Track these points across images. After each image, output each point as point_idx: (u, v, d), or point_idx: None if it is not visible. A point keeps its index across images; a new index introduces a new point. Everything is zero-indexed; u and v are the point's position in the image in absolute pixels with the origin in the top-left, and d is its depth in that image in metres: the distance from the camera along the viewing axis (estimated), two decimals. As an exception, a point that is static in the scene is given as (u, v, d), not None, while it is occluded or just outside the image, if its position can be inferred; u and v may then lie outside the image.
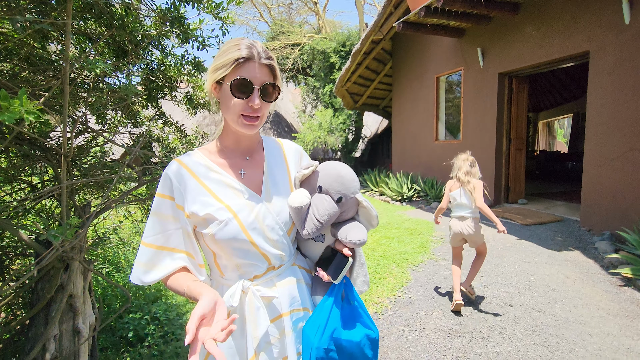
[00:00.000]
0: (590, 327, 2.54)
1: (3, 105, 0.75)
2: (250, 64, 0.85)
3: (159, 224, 0.88)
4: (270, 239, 0.92)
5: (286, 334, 0.94)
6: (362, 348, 0.93)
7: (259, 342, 0.89)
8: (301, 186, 1.01)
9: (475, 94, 6.46)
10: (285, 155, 1.06)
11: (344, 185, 0.95)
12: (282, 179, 1.00)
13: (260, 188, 0.95)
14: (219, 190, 0.90)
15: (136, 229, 3.29)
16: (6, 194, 1.87)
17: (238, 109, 0.86)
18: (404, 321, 2.75)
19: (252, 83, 0.85)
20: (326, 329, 0.90)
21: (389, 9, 7.21)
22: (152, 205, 0.88)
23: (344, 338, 0.91)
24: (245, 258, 0.90)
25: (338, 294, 0.96)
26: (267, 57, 0.88)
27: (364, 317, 0.98)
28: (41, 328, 1.57)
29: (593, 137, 4.51)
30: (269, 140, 1.07)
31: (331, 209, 0.93)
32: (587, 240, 4.31)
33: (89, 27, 1.64)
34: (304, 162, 1.09)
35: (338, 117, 12.03)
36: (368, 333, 0.95)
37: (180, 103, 2.07)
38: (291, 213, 0.95)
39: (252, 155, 0.99)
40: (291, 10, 18.46)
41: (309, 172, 0.98)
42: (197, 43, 1.59)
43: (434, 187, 7.38)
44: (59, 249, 1.19)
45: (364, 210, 1.00)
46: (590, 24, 4.44)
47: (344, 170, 0.98)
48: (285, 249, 0.96)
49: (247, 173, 0.96)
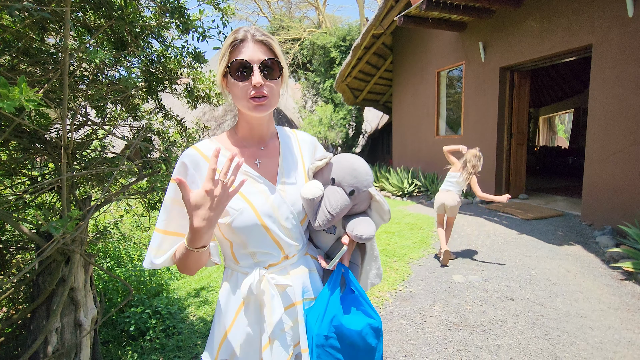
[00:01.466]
0: (591, 321, 2.54)
1: (2, 92, 0.73)
2: (245, 44, 0.85)
3: (172, 209, 0.87)
4: (285, 227, 0.92)
5: (299, 322, 0.95)
6: (364, 337, 0.92)
7: (273, 329, 0.89)
8: (314, 177, 1.01)
9: (476, 89, 6.43)
10: (300, 146, 1.06)
11: (357, 179, 0.95)
12: (297, 169, 1.00)
13: (275, 178, 0.95)
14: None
15: (137, 224, 3.29)
16: (6, 187, 1.86)
17: (244, 92, 0.86)
18: (405, 314, 2.75)
19: (249, 62, 0.84)
20: (325, 316, 0.90)
21: (389, 3, 7.15)
22: (167, 191, 0.88)
23: (345, 325, 0.91)
24: (260, 247, 0.91)
25: (336, 282, 0.97)
26: (262, 34, 0.87)
27: (365, 306, 0.97)
28: (43, 321, 1.57)
29: (595, 131, 4.49)
30: (284, 131, 1.07)
31: (343, 202, 0.93)
32: (588, 235, 4.31)
33: (88, 18, 1.62)
34: (318, 153, 1.09)
35: (338, 112, 11.99)
36: (370, 322, 0.94)
37: (180, 96, 2.06)
38: (304, 204, 0.95)
39: (267, 145, 0.99)
40: (291, 4, 18.33)
41: (322, 164, 0.98)
42: (197, 34, 1.57)
43: (434, 182, 7.37)
44: (59, 241, 1.19)
45: (377, 204, 0.99)
46: (593, 17, 4.40)
47: (357, 163, 0.98)
48: (298, 239, 0.97)
49: (262, 162, 0.96)
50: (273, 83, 0.87)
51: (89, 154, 1.95)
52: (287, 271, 0.96)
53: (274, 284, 0.91)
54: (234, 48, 0.85)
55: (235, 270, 0.95)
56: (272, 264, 0.94)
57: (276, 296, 0.90)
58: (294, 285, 0.95)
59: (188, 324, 2.73)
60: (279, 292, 0.92)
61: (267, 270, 0.93)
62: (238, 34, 0.86)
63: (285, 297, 0.94)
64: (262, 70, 0.85)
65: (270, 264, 0.94)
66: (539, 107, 14.18)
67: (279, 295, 0.91)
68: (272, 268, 0.94)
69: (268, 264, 0.93)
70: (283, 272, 0.95)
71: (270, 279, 0.91)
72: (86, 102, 1.72)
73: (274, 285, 0.91)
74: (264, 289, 0.90)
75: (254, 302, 0.92)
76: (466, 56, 6.57)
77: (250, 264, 0.93)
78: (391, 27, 8.14)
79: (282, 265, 0.95)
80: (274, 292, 0.90)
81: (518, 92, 6.12)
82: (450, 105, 7.44)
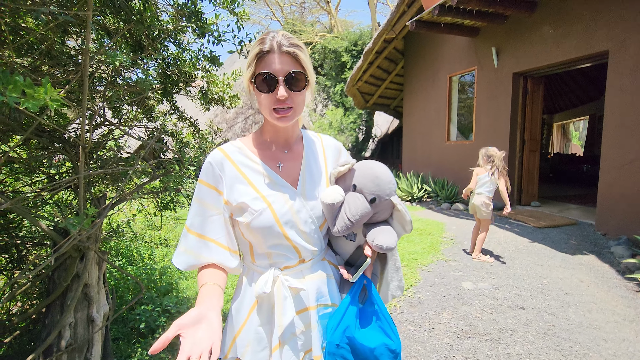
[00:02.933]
0: (605, 332, 2.48)
1: (28, 92, 0.76)
2: (270, 56, 0.85)
3: (200, 209, 0.90)
4: (303, 232, 0.93)
5: (312, 328, 0.94)
6: (377, 357, 0.88)
7: (283, 331, 0.89)
8: (336, 183, 1.00)
9: (488, 94, 6.37)
10: (324, 151, 1.06)
11: (379, 187, 0.93)
12: (319, 174, 1.00)
13: (297, 181, 0.96)
14: (256, 180, 0.91)
15: (149, 223, 3.34)
16: (25, 184, 1.91)
17: (268, 104, 0.86)
18: (413, 321, 2.73)
19: (274, 75, 0.84)
20: (339, 326, 0.89)
21: (402, 8, 7.15)
22: (195, 191, 0.91)
23: (358, 339, 0.88)
24: (277, 248, 0.92)
25: (356, 294, 0.95)
26: (288, 44, 0.86)
27: (384, 323, 0.93)
28: (57, 316, 1.61)
29: (611, 139, 4.40)
30: (309, 135, 1.07)
31: (363, 209, 0.91)
32: (603, 245, 4.22)
33: (107, 22, 1.67)
34: (342, 158, 1.09)
35: (349, 116, 12.00)
36: (387, 343, 0.89)
37: (194, 98, 2.10)
38: (323, 209, 0.95)
39: (290, 149, 1.00)
40: (303, 9, 18.48)
41: (345, 170, 0.97)
42: (213, 38, 1.60)
43: (444, 187, 7.30)
44: (76, 238, 1.22)
45: (398, 213, 0.97)
46: (610, 24, 4.33)
47: (380, 170, 0.96)
48: (316, 243, 0.97)
49: (285, 166, 0.96)
50: (297, 94, 0.87)
51: (105, 154, 2.00)
52: (303, 275, 0.95)
53: (288, 286, 0.91)
54: (260, 59, 0.85)
55: (252, 270, 0.97)
56: (287, 266, 0.94)
57: (289, 298, 0.90)
58: (308, 290, 0.94)
59: (196, 324, 2.75)
60: (292, 295, 0.92)
61: (282, 272, 0.93)
62: (264, 45, 0.85)
63: (298, 301, 0.94)
64: (286, 82, 0.85)
65: (286, 266, 0.94)
66: (552, 113, 13.96)
67: (292, 298, 0.91)
68: (288, 270, 0.94)
69: (284, 265, 0.94)
70: (298, 276, 0.95)
71: (284, 280, 0.91)
72: (104, 103, 1.77)
73: (288, 287, 0.91)
74: (277, 290, 0.90)
75: (266, 302, 0.93)
76: (479, 61, 6.52)
77: (266, 264, 0.94)
78: (403, 32, 8.13)
79: (298, 268, 0.95)
80: (287, 293, 0.90)
81: (531, 98, 6.04)
82: (462, 111, 7.38)
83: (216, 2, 1.61)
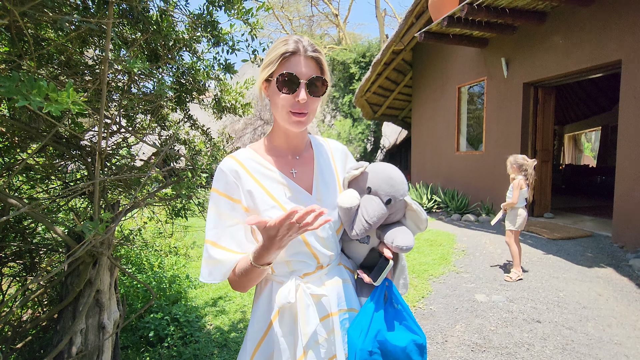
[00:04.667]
0: (626, 348, 2.38)
1: (52, 96, 0.78)
2: (296, 58, 0.85)
3: (217, 219, 0.88)
4: (321, 237, 0.92)
5: (335, 334, 0.93)
6: (409, 354, 0.89)
7: (307, 340, 0.87)
8: (349, 186, 1.00)
9: (498, 105, 6.34)
10: (333, 154, 1.06)
11: (394, 188, 0.94)
12: (331, 178, 1.00)
13: (311, 187, 0.96)
14: (273, 188, 0.90)
15: (160, 231, 3.36)
16: (42, 190, 1.95)
17: (286, 105, 0.86)
18: (425, 333, 2.66)
19: (298, 77, 0.84)
20: (369, 331, 0.88)
21: (410, 20, 7.23)
22: (210, 200, 0.89)
23: (390, 341, 0.88)
24: (296, 256, 0.91)
25: (380, 296, 0.95)
26: (313, 50, 0.87)
27: (409, 321, 0.95)
28: (69, 322, 1.61)
29: (626, 149, 4.32)
30: (317, 139, 1.08)
31: (380, 211, 0.92)
32: (620, 257, 4.09)
33: (125, 32, 1.71)
34: (349, 162, 1.09)
35: (357, 127, 12.04)
36: (414, 338, 0.91)
37: (207, 107, 2.12)
38: (340, 213, 0.95)
39: (301, 155, 1.00)
40: (312, 22, 18.81)
41: (358, 173, 0.98)
42: (228, 47, 1.63)
43: (454, 198, 7.22)
44: (91, 242, 1.23)
45: (413, 213, 0.98)
46: (622, 32, 4.30)
47: (394, 172, 0.97)
48: (333, 248, 0.96)
49: (298, 172, 0.96)
50: (315, 100, 0.88)
51: (119, 160, 2.03)
52: (322, 281, 0.94)
53: (309, 294, 0.89)
54: (285, 59, 0.85)
55: (269, 280, 0.95)
56: (307, 273, 0.93)
57: (311, 306, 0.88)
58: (330, 296, 0.93)
59: (205, 333, 2.73)
60: (315, 302, 0.91)
61: (302, 280, 0.92)
62: (289, 46, 0.85)
63: (320, 308, 0.92)
64: (308, 86, 0.85)
65: (305, 273, 0.93)
66: (563, 124, 13.80)
67: (315, 305, 0.90)
68: (307, 277, 0.93)
69: (303, 272, 0.93)
70: (318, 282, 0.93)
71: (306, 288, 0.90)
72: (119, 111, 1.81)
73: (309, 295, 0.89)
74: (299, 298, 0.88)
75: (288, 312, 0.91)
76: (488, 72, 6.51)
77: (285, 273, 0.93)
78: (411, 44, 8.20)
79: (317, 275, 0.94)
80: (309, 301, 0.88)
81: (542, 108, 5.99)
82: (471, 122, 7.34)
83: (231, 12, 1.64)
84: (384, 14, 16.49)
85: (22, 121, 1.58)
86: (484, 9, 4.87)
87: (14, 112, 1.61)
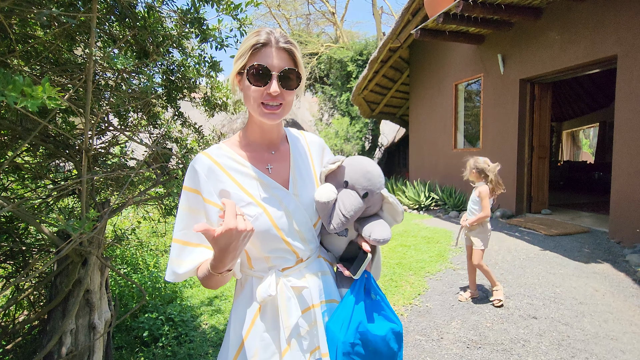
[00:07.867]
0: (622, 344, 2.38)
1: (27, 91, 0.76)
2: (267, 50, 0.83)
3: (187, 218, 0.86)
4: (299, 232, 0.91)
5: (318, 325, 0.92)
6: (388, 342, 0.92)
7: (290, 333, 0.87)
8: (326, 180, 1.00)
9: (495, 101, 6.33)
10: (309, 148, 1.05)
11: (371, 181, 0.95)
12: (308, 173, 0.99)
13: (288, 182, 0.94)
14: (248, 184, 0.89)
15: (153, 230, 3.34)
16: (30, 190, 1.93)
17: (257, 97, 0.84)
18: (421, 330, 2.66)
19: (269, 69, 0.82)
20: (351, 323, 0.89)
21: (406, 17, 7.20)
22: (180, 200, 0.87)
23: (370, 331, 0.90)
24: (274, 252, 0.90)
25: (360, 289, 0.95)
26: (285, 41, 0.85)
27: (387, 310, 0.97)
28: (59, 322, 1.60)
29: (622, 145, 4.31)
30: (292, 133, 1.06)
31: (357, 205, 0.92)
32: (617, 253, 4.09)
33: (113, 30, 1.69)
34: (327, 155, 1.08)
35: (355, 125, 12.03)
36: (392, 327, 0.94)
37: (198, 105, 2.11)
38: (317, 208, 0.94)
39: (277, 149, 0.98)
40: (309, 20, 18.76)
41: (335, 167, 0.98)
42: (216, 43, 1.61)
43: (452, 195, 7.21)
44: (76, 241, 1.21)
45: (389, 206, 0.99)
46: (618, 28, 4.29)
47: (370, 165, 0.97)
48: (312, 242, 0.96)
49: (274, 167, 0.95)
50: (289, 92, 0.86)
51: (110, 159, 2.01)
52: (303, 274, 0.94)
53: (290, 286, 0.89)
54: (256, 51, 0.83)
55: (249, 276, 0.93)
56: (286, 267, 0.92)
57: (292, 298, 0.88)
58: (310, 288, 0.93)
59: (200, 332, 2.71)
60: (296, 295, 0.90)
61: (282, 274, 0.91)
62: (261, 37, 0.83)
63: (301, 300, 0.91)
64: (280, 79, 0.83)
65: (285, 267, 0.92)
66: (561, 121, 13.81)
67: (296, 298, 0.89)
68: (288, 271, 0.92)
69: (282, 267, 0.92)
70: (299, 276, 0.93)
71: (287, 281, 0.89)
72: (107, 107, 1.79)
73: (290, 288, 0.88)
74: (280, 291, 0.88)
75: (270, 307, 0.90)
76: (485, 68, 6.50)
77: (264, 268, 0.91)
78: (408, 41, 8.17)
79: (297, 268, 0.93)
80: (290, 294, 0.88)
81: (539, 105, 5.98)
82: (469, 119, 7.33)
83: (219, 8, 1.62)
84: (381, 11, 16.45)
85: (9, 119, 1.56)
86: (480, 5, 4.85)
87: (1, 111, 1.60)
